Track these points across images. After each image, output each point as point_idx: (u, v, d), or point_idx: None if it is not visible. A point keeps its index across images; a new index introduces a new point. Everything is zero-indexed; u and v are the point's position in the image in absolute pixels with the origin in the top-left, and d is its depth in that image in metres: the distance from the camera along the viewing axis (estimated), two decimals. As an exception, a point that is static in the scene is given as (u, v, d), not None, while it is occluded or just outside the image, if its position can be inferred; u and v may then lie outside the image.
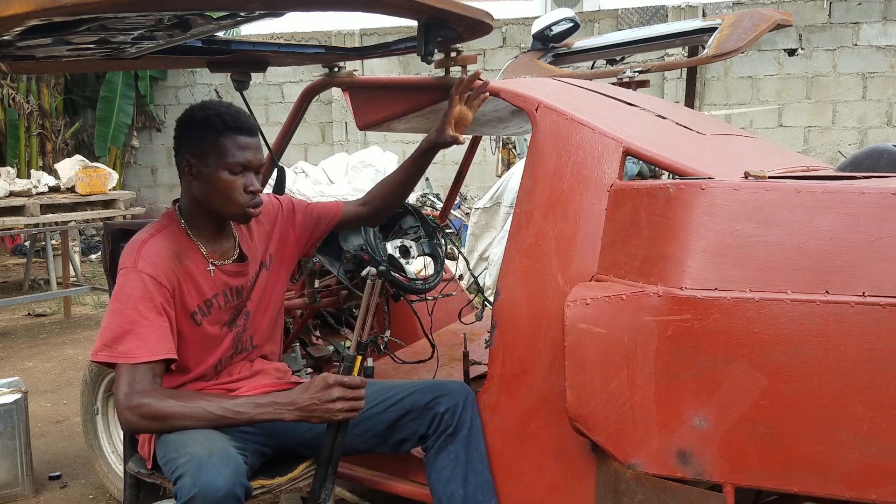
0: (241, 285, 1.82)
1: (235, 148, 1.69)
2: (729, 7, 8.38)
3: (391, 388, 1.87)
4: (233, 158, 1.68)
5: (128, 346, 1.58)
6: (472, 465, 1.78)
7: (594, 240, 1.67)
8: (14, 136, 9.25)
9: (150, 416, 1.56)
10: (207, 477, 1.43)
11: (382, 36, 9.22)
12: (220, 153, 1.68)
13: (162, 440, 1.65)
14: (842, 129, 8.43)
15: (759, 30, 2.90)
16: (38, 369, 4.51)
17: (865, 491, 1.31)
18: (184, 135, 1.73)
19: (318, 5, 1.50)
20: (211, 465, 1.46)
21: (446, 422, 1.79)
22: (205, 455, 1.49)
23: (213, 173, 1.69)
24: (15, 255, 8.86)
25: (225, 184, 1.69)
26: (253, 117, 1.81)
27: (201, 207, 1.75)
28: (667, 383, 1.43)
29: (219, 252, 1.79)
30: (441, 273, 2.44)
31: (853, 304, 1.31)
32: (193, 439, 1.57)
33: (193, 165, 1.71)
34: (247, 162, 1.70)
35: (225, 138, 1.68)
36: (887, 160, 1.75)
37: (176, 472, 1.50)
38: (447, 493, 1.77)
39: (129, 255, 1.67)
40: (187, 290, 1.70)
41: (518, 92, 1.88)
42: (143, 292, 1.62)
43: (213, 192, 1.71)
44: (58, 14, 1.25)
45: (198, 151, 1.70)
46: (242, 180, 1.71)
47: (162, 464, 1.62)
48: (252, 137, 1.73)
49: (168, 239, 1.72)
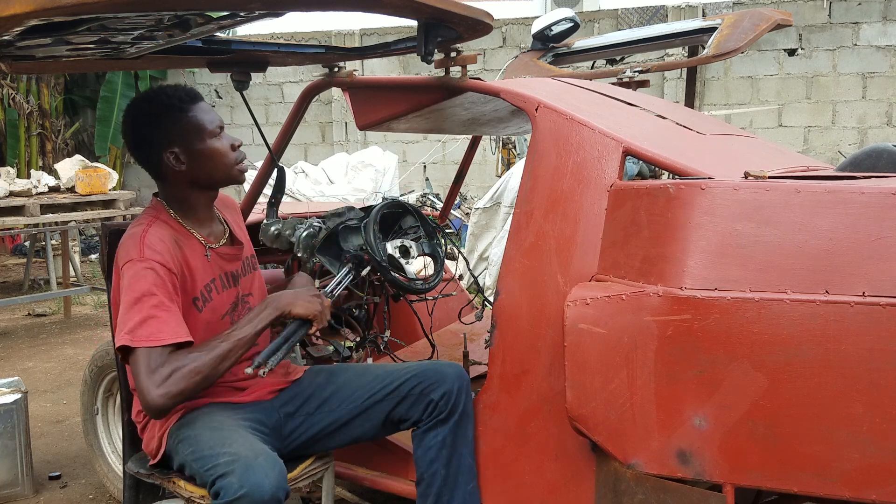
0: (235, 270, 1.84)
1: (205, 115, 1.75)
2: (729, 7, 8.38)
3: (386, 375, 1.88)
4: (210, 125, 1.74)
5: (149, 330, 1.56)
6: (457, 449, 1.82)
7: (594, 240, 1.67)
8: (14, 136, 9.26)
9: (185, 377, 1.52)
10: (256, 478, 1.45)
11: (382, 36, 9.22)
12: (199, 127, 1.72)
13: (185, 436, 1.65)
14: (842, 129, 8.44)
15: (759, 30, 2.90)
16: (38, 369, 4.51)
17: (865, 491, 1.31)
18: (151, 132, 1.72)
19: (318, 5, 1.50)
20: (258, 467, 1.47)
21: (440, 407, 1.81)
22: (251, 456, 1.50)
23: (202, 148, 1.73)
24: (15, 255, 8.86)
25: (215, 151, 1.74)
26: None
27: (194, 190, 1.77)
28: (667, 383, 1.43)
29: (212, 236, 1.82)
30: (441, 273, 2.44)
31: (853, 304, 1.31)
32: (230, 438, 1.58)
33: (179, 154, 1.72)
34: (220, 122, 1.77)
35: (192, 112, 1.73)
36: (887, 160, 1.75)
37: (216, 469, 1.51)
38: (430, 471, 1.81)
39: (133, 247, 1.65)
40: (189, 276, 1.71)
41: (518, 92, 1.88)
42: (156, 279, 1.61)
43: (207, 165, 1.74)
44: (58, 14, 1.25)
45: (176, 138, 1.71)
46: (226, 140, 1.77)
47: (190, 460, 1.61)
48: (204, 101, 1.79)
49: (164, 228, 1.72)
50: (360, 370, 1.94)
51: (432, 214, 3.27)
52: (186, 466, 1.65)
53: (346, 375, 1.91)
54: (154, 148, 1.72)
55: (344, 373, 1.93)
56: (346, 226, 2.36)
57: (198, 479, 1.61)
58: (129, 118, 1.75)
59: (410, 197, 7.93)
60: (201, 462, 1.57)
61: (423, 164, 9.14)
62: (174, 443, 1.69)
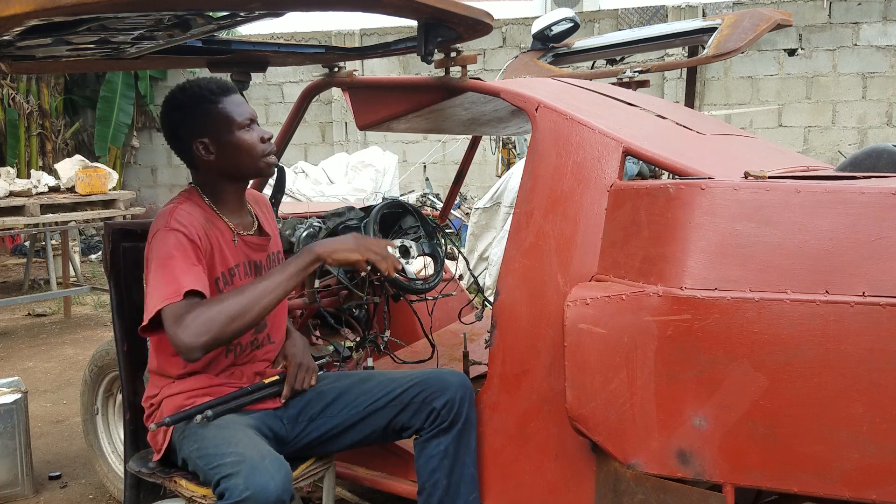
0: (259, 260, 1.85)
1: (236, 107, 1.76)
2: (729, 7, 8.38)
3: (389, 382, 1.88)
4: (240, 117, 1.76)
5: (172, 288, 1.57)
6: (460, 459, 1.81)
7: (594, 240, 1.67)
8: (14, 136, 9.25)
9: (214, 319, 1.54)
10: (261, 480, 1.45)
11: (382, 36, 9.23)
12: (229, 118, 1.74)
13: (191, 432, 1.66)
14: (842, 129, 8.44)
15: (759, 30, 2.90)
16: (38, 369, 4.51)
17: (865, 491, 1.31)
18: (183, 122, 1.75)
19: (318, 5, 1.50)
20: (264, 469, 1.48)
21: (443, 416, 1.81)
22: (257, 458, 1.51)
23: (231, 139, 1.74)
24: (15, 255, 8.86)
25: (245, 142, 1.76)
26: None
27: (224, 180, 1.79)
28: (667, 383, 1.43)
29: (241, 225, 1.84)
30: (441, 273, 2.44)
31: (853, 304, 1.31)
32: (237, 438, 1.59)
33: (208, 144, 1.74)
34: (251, 115, 1.78)
35: (223, 104, 1.75)
36: (887, 160, 1.75)
37: (221, 469, 1.51)
38: (432, 480, 1.81)
39: (162, 219, 1.68)
40: (214, 254, 1.73)
41: (518, 92, 1.88)
42: (179, 243, 1.64)
43: (236, 156, 1.76)
44: (58, 14, 1.25)
45: (207, 128, 1.74)
46: (256, 133, 1.78)
47: (195, 457, 1.62)
48: (237, 93, 1.80)
49: (195, 208, 1.75)
50: (363, 376, 1.93)
51: (432, 214, 3.27)
52: (190, 462, 1.65)
53: (349, 381, 1.91)
54: (185, 137, 1.75)
55: (346, 379, 1.93)
56: (346, 226, 2.37)
57: (201, 476, 1.61)
58: (165, 107, 1.78)
59: (410, 197, 7.93)
60: (206, 460, 1.58)
61: (423, 164, 9.14)
62: (179, 437, 1.70)
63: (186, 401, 1.73)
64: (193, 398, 1.73)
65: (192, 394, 1.74)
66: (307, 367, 1.90)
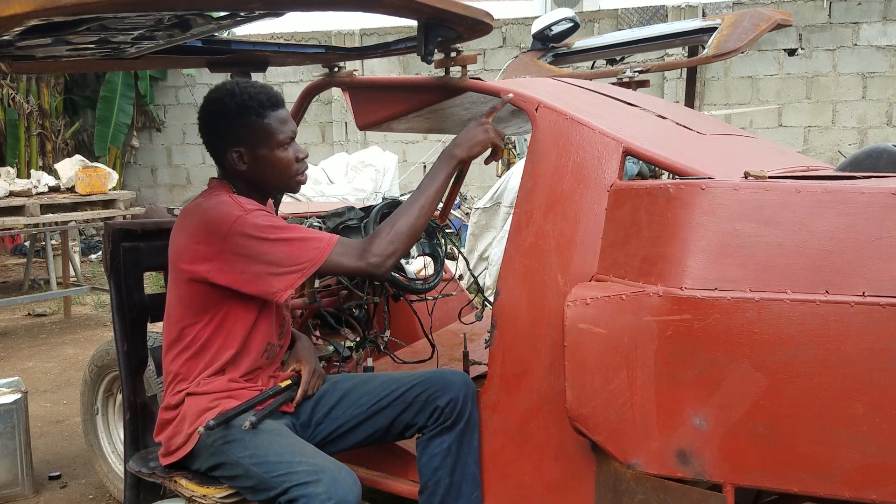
0: None
1: (280, 124, 1.74)
2: (729, 7, 8.38)
3: (392, 381, 1.88)
4: (282, 136, 1.74)
5: (318, 241, 1.65)
6: (462, 458, 1.81)
7: (594, 240, 1.67)
8: (14, 136, 9.25)
9: (390, 237, 1.67)
10: (342, 492, 1.51)
11: (382, 36, 9.22)
12: (270, 135, 1.73)
13: (237, 437, 1.65)
14: (842, 129, 8.44)
15: (759, 30, 2.90)
16: (38, 369, 4.51)
17: (865, 491, 1.31)
18: (225, 127, 1.73)
19: (318, 5, 1.50)
20: (343, 481, 1.54)
21: (446, 414, 1.81)
22: (335, 469, 1.56)
23: (267, 155, 1.74)
24: (15, 255, 8.86)
25: (281, 161, 1.75)
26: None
27: (250, 188, 1.79)
28: (667, 383, 1.43)
29: None
30: (441, 273, 2.44)
31: (853, 304, 1.31)
32: (302, 448, 1.62)
33: (244, 154, 1.73)
34: (292, 133, 1.77)
35: (268, 119, 1.73)
36: (887, 160, 1.75)
37: (292, 477, 1.54)
38: (434, 479, 1.82)
39: (231, 207, 1.67)
40: None
41: (518, 92, 1.88)
42: (272, 217, 1.68)
43: (268, 172, 1.76)
44: (58, 14, 1.25)
45: (245, 140, 1.73)
46: (293, 152, 1.77)
47: (248, 463, 1.62)
48: (284, 108, 1.78)
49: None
50: (365, 378, 1.94)
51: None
52: (234, 467, 1.64)
53: (352, 382, 1.91)
54: (222, 142, 1.74)
55: (349, 380, 1.93)
56: (346, 226, 2.37)
57: (254, 482, 1.60)
58: (209, 107, 1.75)
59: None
60: (268, 467, 1.58)
61: (423, 164, 9.13)
62: (219, 442, 1.67)
63: (211, 403, 1.71)
64: (218, 400, 1.72)
65: (217, 396, 1.72)
66: (319, 373, 1.92)
